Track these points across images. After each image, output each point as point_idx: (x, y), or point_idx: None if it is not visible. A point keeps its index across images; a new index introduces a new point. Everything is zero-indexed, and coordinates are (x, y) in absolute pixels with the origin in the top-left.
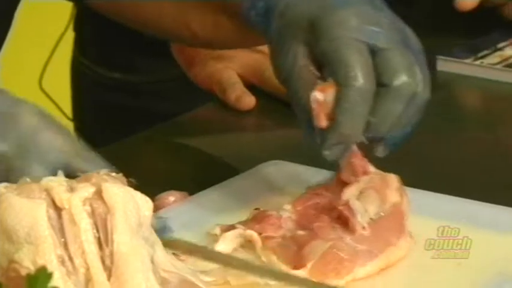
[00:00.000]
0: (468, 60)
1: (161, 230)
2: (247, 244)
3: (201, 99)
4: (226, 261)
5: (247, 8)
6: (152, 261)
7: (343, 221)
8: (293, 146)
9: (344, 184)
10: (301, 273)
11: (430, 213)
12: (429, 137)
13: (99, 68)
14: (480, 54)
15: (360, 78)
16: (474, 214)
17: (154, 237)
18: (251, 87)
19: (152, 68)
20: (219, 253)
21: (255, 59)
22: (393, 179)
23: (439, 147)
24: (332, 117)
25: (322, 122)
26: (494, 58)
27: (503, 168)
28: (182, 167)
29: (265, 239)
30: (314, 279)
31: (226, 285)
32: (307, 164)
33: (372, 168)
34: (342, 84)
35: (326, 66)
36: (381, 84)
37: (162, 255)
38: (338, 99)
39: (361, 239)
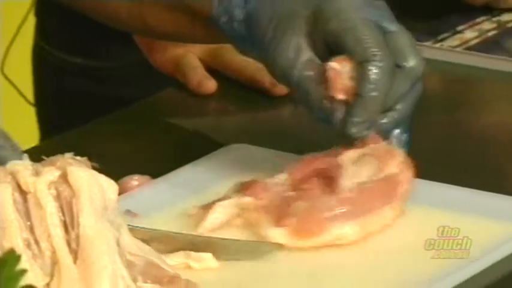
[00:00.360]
0: (428, 43)
1: None
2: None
3: (163, 84)
4: (188, 242)
5: (217, 15)
6: (118, 244)
7: (332, 183)
8: (256, 130)
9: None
10: (282, 231)
11: None
12: None
13: (60, 54)
14: (440, 37)
15: (382, 54)
16: (437, 196)
17: (120, 220)
18: (212, 71)
19: (114, 53)
20: (180, 235)
21: None
22: (399, 153)
23: None
24: (350, 94)
25: (339, 93)
26: (454, 41)
27: (464, 151)
28: (144, 151)
29: (256, 202)
30: (294, 238)
31: (188, 269)
32: (270, 148)
33: (381, 141)
34: (364, 61)
35: (341, 47)
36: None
37: (128, 238)
38: (362, 76)
39: (345, 200)
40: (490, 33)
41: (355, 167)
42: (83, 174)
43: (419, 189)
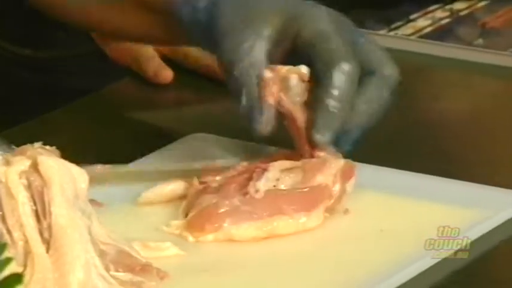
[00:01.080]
0: (382, 32)
1: None
2: None
3: (117, 75)
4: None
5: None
6: (90, 233)
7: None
8: (213, 120)
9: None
10: (182, 222)
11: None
12: None
13: (9, 46)
14: (393, 26)
15: (349, 60)
16: (397, 182)
17: (90, 209)
18: (169, 61)
19: (65, 44)
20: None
21: None
22: (335, 165)
23: None
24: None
25: (268, 98)
26: (407, 29)
27: (418, 138)
28: (101, 142)
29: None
30: (191, 230)
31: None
32: (228, 137)
33: (319, 154)
34: (330, 67)
35: (309, 55)
36: (368, 72)
37: (99, 227)
38: (327, 82)
39: (250, 201)
40: (443, 21)
41: (280, 174)
42: (53, 164)
43: (373, 175)
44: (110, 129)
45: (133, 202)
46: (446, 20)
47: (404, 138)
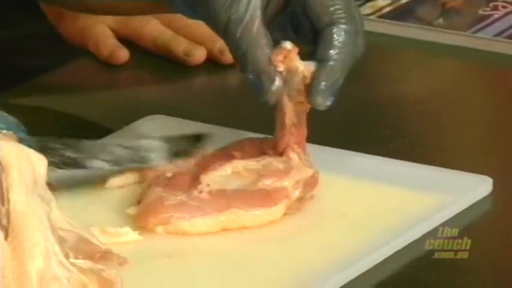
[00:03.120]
0: None
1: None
2: None
3: (71, 55)
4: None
5: None
6: (49, 220)
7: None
8: (170, 100)
9: (257, 150)
10: (134, 210)
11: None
12: None
13: None
14: None
15: (347, 17)
16: (355, 166)
17: (49, 195)
18: (124, 41)
19: (17, 23)
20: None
21: None
22: (302, 174)
23: None
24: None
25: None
26: (366, 9)
27: (377, 119)
28: (54, 124)
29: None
30: (142, 221)
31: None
32: (185, 118)
33: (292, 155)
34: (329, 24)
35: (308, 15)
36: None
37: (58, 214)
38: (327, 40)
39: (197, 198)
40: (402, 1)
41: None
42: (11, 149)
43: (335, 158)
44: (64, 111)
45: (93, 184)
46: (406, 0)
47: (363, 120)
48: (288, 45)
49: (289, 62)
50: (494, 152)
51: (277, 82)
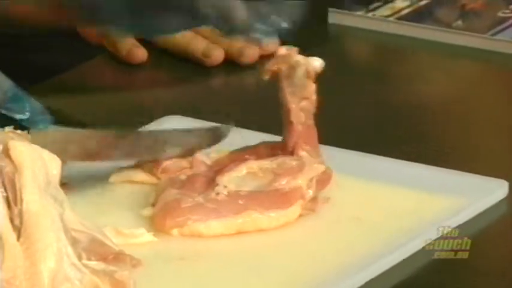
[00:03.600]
0: (360, 13)
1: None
2: None
3: (90, 53)
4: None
5: None
6: (62, 221)
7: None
8: (187, 101)
9: (270, 153)
10: (149, 211)
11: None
12: (322, 90)
13: None
14: (371, 7)
15: None
16: (371, 168)
17: (63, 196)
18: (141, 40)
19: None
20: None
21: None
22: (314, 170)
23: (331, 100)
24: None
25: None
26: (385, 10)
27: (397, 121)
28: (72, 123)
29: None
30: (158, 223)
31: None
32: (203, 119)
33: (302, 153)
34: None
35: None
36: None
37: (71, 215)
38: None
39: (214, 200)
40: (421, 3)
41: (245, 176)
42: (25, 149)
43: (351, 160)
44: (82, 110)
45: (106, 182)
46: (425, 1)
47: (381, 122)
48: (283, 50)
49: (289, 59)
50: (509, 155)
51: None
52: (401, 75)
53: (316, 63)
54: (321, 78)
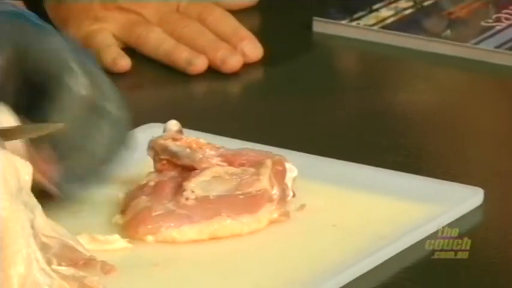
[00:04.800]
0: (344, 22)
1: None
2: None
3: None
4: None
5: None
6: (32, 227)
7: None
8: (171, 109)
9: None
10: (120, 219)
11: (313, 177)
12: (306, 98)
13: None
14: (356, 16)
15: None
16: (352, 176)
17: (34, 202)
18: (127, 48)
19: None
20: None
21: (131, 19)
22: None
23: (315, 109)
24: None
25: None
26: (370, 19)
27: (380, 130)
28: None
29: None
30: (131, 231)
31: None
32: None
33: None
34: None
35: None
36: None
37: (42, 220)
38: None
39: (184, 206)
40: (406, 12)
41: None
42: None
43: (328, 168)
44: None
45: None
46: (410, 11)
47: (364, 131)
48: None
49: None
50: (488, 163)
51: None
52: (385, 84)
53: (172, 126)
54: (305, 88)
